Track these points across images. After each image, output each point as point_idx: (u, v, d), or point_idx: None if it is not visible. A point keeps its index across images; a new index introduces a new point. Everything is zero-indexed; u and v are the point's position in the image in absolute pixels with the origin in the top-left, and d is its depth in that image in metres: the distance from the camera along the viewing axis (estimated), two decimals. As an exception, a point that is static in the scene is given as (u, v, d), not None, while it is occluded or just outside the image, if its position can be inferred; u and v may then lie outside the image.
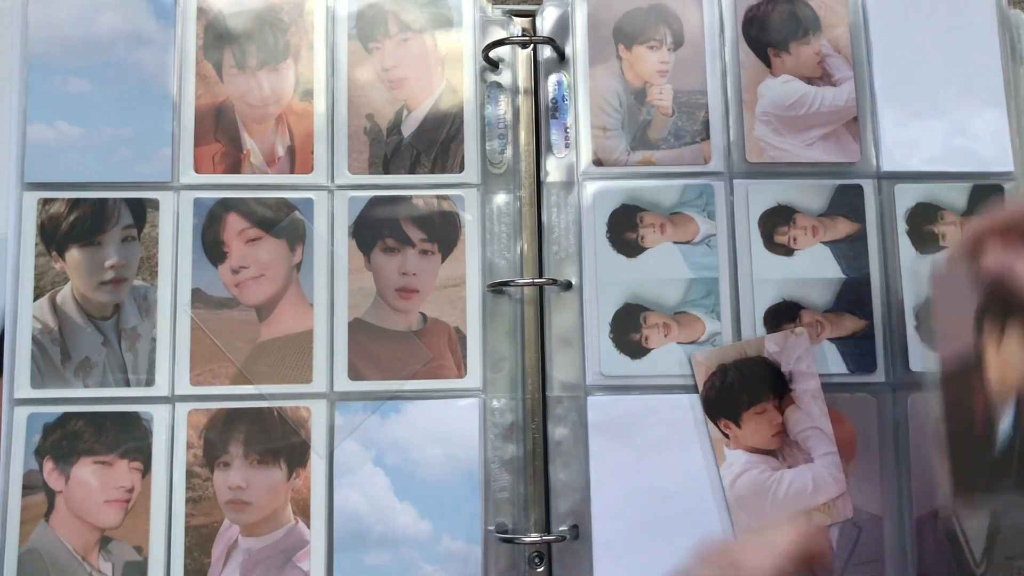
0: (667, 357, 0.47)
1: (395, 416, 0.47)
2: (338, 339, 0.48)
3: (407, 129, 0.50)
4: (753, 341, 0.47)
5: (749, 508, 0.46)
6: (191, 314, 0.46)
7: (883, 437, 0.47)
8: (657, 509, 0.46)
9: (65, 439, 0.46)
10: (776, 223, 0.49)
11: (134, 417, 0.46)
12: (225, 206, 0.48)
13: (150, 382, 0.47)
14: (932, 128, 0.50)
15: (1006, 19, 0.52)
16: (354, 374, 0.47)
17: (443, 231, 0.49)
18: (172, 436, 0.46)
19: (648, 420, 0.47)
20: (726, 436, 0.46)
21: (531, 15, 0.52)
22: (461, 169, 0.49)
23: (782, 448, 0.46)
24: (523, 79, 0.51)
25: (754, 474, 0.46)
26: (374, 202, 0.49)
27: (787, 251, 0.49)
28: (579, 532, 0.47)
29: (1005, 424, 0.35)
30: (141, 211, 0.48)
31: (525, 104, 0.51)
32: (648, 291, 0.48)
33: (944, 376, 0.36)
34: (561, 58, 0.51)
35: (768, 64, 0.50)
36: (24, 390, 0.46)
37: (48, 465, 0.46)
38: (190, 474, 0.46)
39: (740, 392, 0.47)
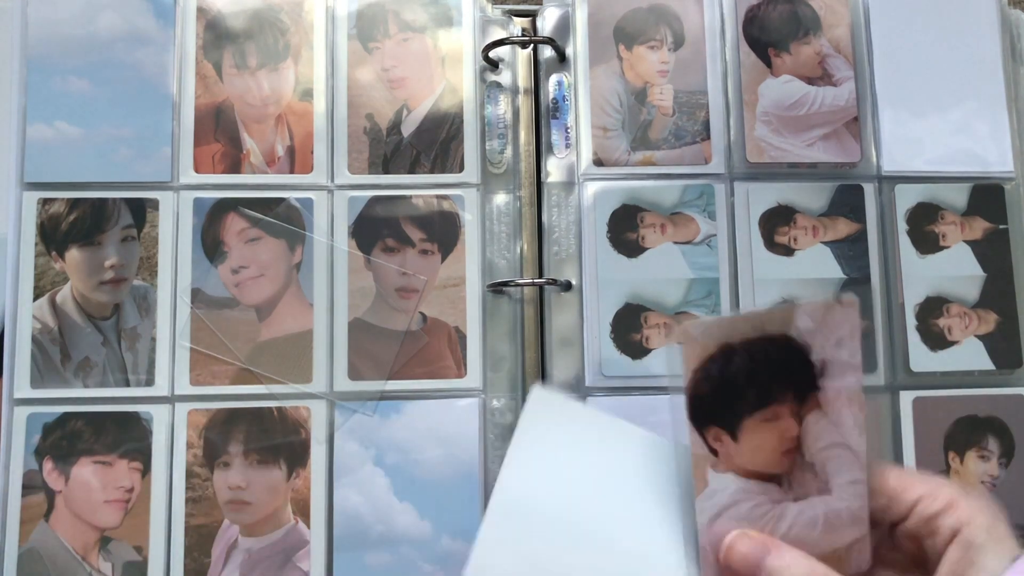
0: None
1: (395, 416, 0.47)
2: (338, 339, 0.47)
3: (407, 129, 0.49)
4: (777, 311, 0.33)
5: None
6: (191, 306, 0.46)
7: (883, 437, 0.47)
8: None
9: (65, 439, 0.46)
10: (777, 223, 0.49)
11: (134, 417, 0.46)
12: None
13: (150, 382, 0.47)
14: (932, 128, 0.50)
15: (1006, 19, 0.52)
16: (354, 374, 0.47)
17: (443, 231, 0.49)
18: (172, 436, 0.46)
19: (648, 420, 0.46)
20: (714, 453, 0.33)
21: (531, 15, 0.52)
22: (461, 169, 0.49)
23: (791, 472, 0.33)
24: (523, 79, 0.51)
25: (744, 508, 0.33)
26: (374, 202, 0.49)
27: (788, 251, 0.49)
28: (579, 532, 0.46)
29: None
30: (141, 211, 0.48)
31: (525, 104, 0.51)
32: (649, 291, 0.48)
33: None
34: (561, 58, 0.51)
35: (769, 64, 0.50)
36: (24, 390, 0.46)
37: (48, 465, 0.46)
38: (190, 474, 0.46)
39: (747, 387, 0.33)
